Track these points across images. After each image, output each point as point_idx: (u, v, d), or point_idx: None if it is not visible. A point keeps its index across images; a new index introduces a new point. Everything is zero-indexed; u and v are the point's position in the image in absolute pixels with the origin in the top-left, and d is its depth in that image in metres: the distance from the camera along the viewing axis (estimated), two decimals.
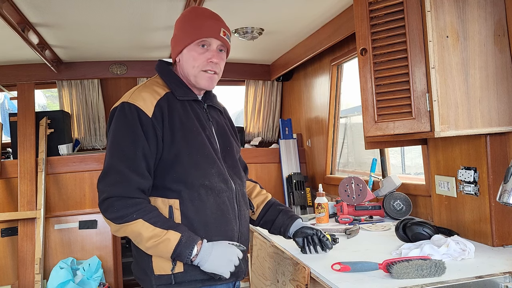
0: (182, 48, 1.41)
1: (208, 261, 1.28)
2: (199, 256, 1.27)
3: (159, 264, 1.31)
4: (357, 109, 3.31)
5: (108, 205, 1.25)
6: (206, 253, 1.28)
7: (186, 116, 1.38)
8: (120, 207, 1.24)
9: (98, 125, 3.90)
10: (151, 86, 1.41)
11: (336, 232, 1.97)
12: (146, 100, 1.34)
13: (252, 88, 4.32)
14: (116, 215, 1.24)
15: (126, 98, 1.36)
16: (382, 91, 1.65)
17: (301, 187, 3.69)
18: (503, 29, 1.57)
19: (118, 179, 1.26)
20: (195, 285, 1.33)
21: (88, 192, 3.29)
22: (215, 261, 1.28)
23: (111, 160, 1.29)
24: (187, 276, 1.31)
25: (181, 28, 1.43)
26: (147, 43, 3.26)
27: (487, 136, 1.60)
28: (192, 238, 1.27)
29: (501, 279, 1.29)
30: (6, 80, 3.52)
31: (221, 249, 1.31)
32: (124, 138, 1.30)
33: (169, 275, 1.30)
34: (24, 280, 3.00)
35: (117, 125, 1.32)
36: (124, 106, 1.33)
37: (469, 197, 1.72)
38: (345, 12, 2.63)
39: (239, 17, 2.71)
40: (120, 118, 1.32)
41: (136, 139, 1.29)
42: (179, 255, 1.26)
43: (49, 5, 2.32)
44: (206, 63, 1.41)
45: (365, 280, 1.32)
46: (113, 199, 1.25)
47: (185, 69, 1.43)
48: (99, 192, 1.29)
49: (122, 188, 1.26)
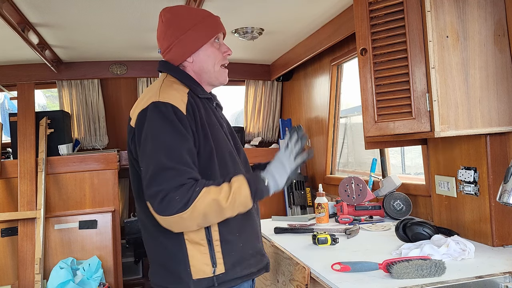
0: (198, 48, 1.40)
1: (277, 181, 1.32)
2: (269, 179, 1.30)
3: (198, 268, 1.28)
4: (357, 109, 3.30)
5: (170, 200, 1.17)
6: (272, 177, 1.31)
7: (208, 114, 1.38)
8: (181, 194, 1.18)
9: (98, 125, 3.89)
10: (172, 85, 1.37)
11: (336, 232, 1.97)
12: (177, 98, 1.30)
13: (252, 88, 4.32)
14: (181, 203, 1.17)
15: (154, 97, 1.29)
16: (382, 91, 1.65)
17: (301, 187, 3.69)
18: (503, 29, 1.57)
19: (171, 174, 1.20)
20: (236, 282, 1.33)
21: (88, 192, 3.29)
22: (282, 175, 1.33)
23: (158, 160, 1.21)
24: (228, 275, 1.30)
25: (191, 29, 1.39)
26: (147, 43, 3.26)
27: (487, 136, 1.60)
28: (253, 174, 1.32)
29: (501, 279, 1.29)
30: (6, 80, 3.52)
31: (277, 163, 1.35)
32: (167, 135, 1.24)
33: (211, 277, 1.28)
34: (24, 280, 3.00)
35: (155, 124, 1.25)
36: (158, 105, 1.27)
37: (469, 197, 1.72)
38: (345, 12, 2.63)
39: (239, 17, 2.71)
40: (156, 117, 1.26)
41: (179, 136, 1.25)
42: (258, 191, 1.27)
43: (49, 5, 2.32)
44: (223, 58, 1.44)
45: (365, 280, 1.32)
46: (172, 193, 1.18)
47: (204, 68, 1.42)
48: (154, 195, 1.19)
49: (177, 180, 1.19)
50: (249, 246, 1.38)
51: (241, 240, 1.36)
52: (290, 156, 1.35)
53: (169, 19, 1.41)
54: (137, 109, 1.32)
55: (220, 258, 1.30)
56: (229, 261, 1.31)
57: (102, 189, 3.30)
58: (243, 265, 1.34)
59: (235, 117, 5.01)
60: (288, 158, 1.35)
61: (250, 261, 1.37)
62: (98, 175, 3.30)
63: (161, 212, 1.18)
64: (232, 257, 1.32)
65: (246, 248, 1.37)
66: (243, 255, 1.35)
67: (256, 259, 1.40)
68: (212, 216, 1.23)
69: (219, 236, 1.31)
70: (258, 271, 1.40)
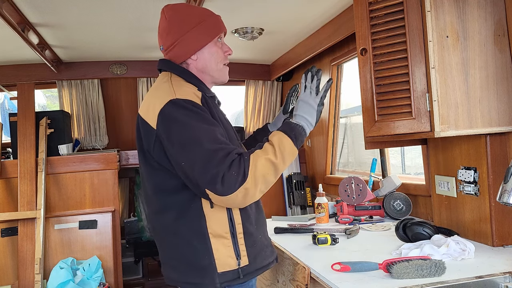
0: (202, 46, 1.41)
1: (307, 118, 1.40)
2: (300, 122, 1.38)
3: (223, 261, 1.30)
4: (357, 109, 3.30)
5: (228, 178, 1.19)
6: (300, 117, 1.40)
7: (217, 112, 1.40)
8: (236, 168, 1.20)
9: (98, 125, 3.89)
10: (182, 83, 1.38)
11: (336, 232, 1.97)
12: (192, 94, 1.32)
13: (252, 88, 4.32)
14: (240, 175, 1.19)
15: (171, 96, 1.29)
16: (382, 91, 1.65)
17: (301, 187, 3.69)
18: (503, 29, 1.57)
19: (219, 156, 1.21)
20: (258, 273, 1.39)
21: (88, 192, 3.29)
22: (310, 112, 1.41)
23: (202, 147, 1.22)
24: (251, 267, 1.35)
25: (195, 27, 1.39)
26: (147, 43, 3.26)
27: (487, 136, 1.60)
28: (284, 123, 1.38)
29: (501, 279, 1.29)
30: (6, 80, 3.51)
31: (301, 105, 1.42)
32: (198, 125, 1.24)
33: (236, 270, 1.32)
34: (24, 280, 3.00)
35: (183, 119, 1.25)
36: (176, 102, 1.27)
37: (469, 197, 1.72)
38: (345, 12, 2.63)
39: (239, 17, 2.71)
40: (182, 112, 1.26)
41: (208, 123, 1.26)
42: (297, 135, 1.33)
43: (49, 5, 2.32)
44: (225, 57, 1.47)
45: (365, 280, 1.32)
46: (227, 172, 1.19)
47: (208, 66, 1.43)
48: (212, 180, 1.19)
49: (227, 159, 1.21)
50: (265, 237, 1.46)
51: (259, 231, 1.42)
52: (311, 94, 1.43)
53: (172, 16, 1.41)
54: (155, 110, 1.29)
55: (244, 250, 1.33)
56: (251, 253, 1.36)
57: (102, 189, 3.30)
58: (262, 256, 1.40)
59: (235, 117, 5.01)
60: (310, 96, 1.43)
61: (267, 252, 1.44)
62: (98, 175, 3.30)
63: (225, 192, 1.20)
64: (254, 249, 1.37)
65: (263, 239, 1.44)
66: (262, 246, 1.41)
67: (269, 250, 1.47)
68: (270, 175, 1.26)
69: (242, 228, 1.34)
70: (272, 262, 1.46)
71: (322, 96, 1.44)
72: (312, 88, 1.43)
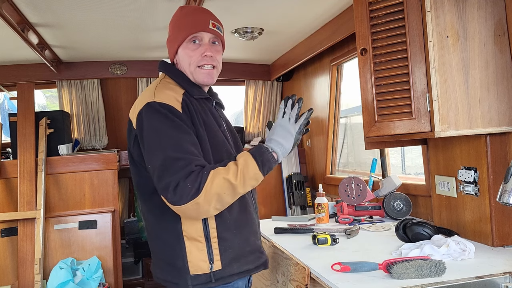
0: (176, 48, 1.42)
1: (283, 144, 1.33)
2: (273, 147, 1.32)
3: (196, 264, 1.31)
4: (357, 109, 3.30)
5: (182, 188, 1.19)
6: (275, 142, 1.33)
7: (206, 114, 1.39)
8: (191, 181, 1.19)
9: (98, 125, 3.89)
10: (168, 86, 1.38)
11: (336, 232, 1.96)
12: (171, 98, 1.31)
13: (252, 88, 4.31)
14: (193, 189, 1.19)
15: (149, 98, 1.31)
16: (382, 91, 1.65)
17: (301, 187, 3.69)
18: (503, 29, 1.57)
19: (179, 164, 1.21)
20: (233, 278, 1.35)
21: (88, 192, 3.29)
22: (286, 138, 1.35)
23: (164, 153, 1.23)
24: (225, 272, 1.33)
25: (172, 29, 1.44)
26: (147, 43, 3.26)
27: (487, 136, 1.60)
28: (256, 147, 1.32)
29: (501, 279, 1.29)
30: (6, 80, 3.51)
31: (278, 130, 1.36)
32: (168, 131, 1.25)
33: (208, 273, 1.31)
34: (24, 280, 3.00)
35: (155, 123, 1.27)
36: (152, 105, 1.28)
37: (469, 197, 1.71)
38: (345, 12, 2.63)
39: (239, 17, 2.71)
40: (154, 116, 1.27)
41: (179, 130, 1.26)
42: (264, 161, 1.28)
43: (49, 5, 2.32)
44: (201, 58, 1.40)
45: (365, 280, 1.32)
46: (182, 182, 1.19)
47: (184, 68, 1.43)
48: (165, 187, 1.20)
49: (185, 169, 1.20)
50: (247, 243, 1.40)
51: (238, 237, 1.37)
52: (290, 120, 1.37)
53: (174, 15, 1.46)
54: (135, 111, 1.34)
55: (217, 255, 1.32)
56: (226, 258, 1.33)
57: (102, 189, 3.30)
58: (240, 262, 1.36)
59: (235, 117, 5.01)
60: (289, 122, 1.37)
61: (248, 258, 1.39)
62: (98, 175, 3.30)
63: (176, 202, 1.20)
64: (229, 254, 1.34)
65: (243, 245, 1.38)
66: (240, 252, 1.37)
67: (254, 256, 1.42)
68: (226, 195, 1.23)
69: (217, 233, 1.33)
70: (256, 268, 1.42)
71: (302, 124, 1.38)
72: (292, 115, 1.37)
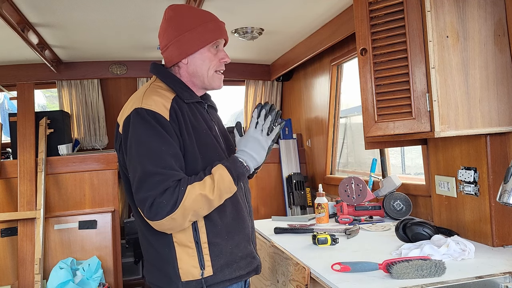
0: (194, 51, 1.38)
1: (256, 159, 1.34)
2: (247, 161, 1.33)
3: (187, 270, 1.30)
4: (357, 109, 3.30)
5: (157, 205, 1.19)
6: (248, 155, 1.33)
7: (196, 119, 1.37)
8: (167, 197, 1.19)
9: (98, 125, 3.89)
10: (157, 90, 1.36)
11: (336, 232, 1.96)
12: (159, 104, 1.30)
13: (252, 88, 4.32)
14: (169, 205, 1.19)
15: (137, 104, 1.29)
16: (382, 91, 1.65)
17: (301, 187, 3.69)
18: (503, 29, 1.57)
19: (156, 180, 1.21)
20: (225, 284, 1.34)
21: (88, 192, 3.29)
22: (259, 153, 1.35)
23: (143, 166, 1.23)
24: (216, 278, 1.31)
25: (190, 31, 1.37)
26: (147, 43, 3.26)
27: (487, 136, 1.60)
28: (231, 159, 1.33)
29: (501, 279, 1.29)
30: (6, 80, 3.52)
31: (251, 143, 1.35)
32: (150, 141, 1.25)
33: (199, 280, 1.29)
34: (24, 280, 3.00)
35: (138, 131, 1.26)
36: (139, 112, 1.27)
37: (469, 197, 1.71)
38: (345, 12, 2.63)
39: (239, 17, 2.71)
40: (139, 124, 1.26)
41: (162, 141, 1.25)
42: (239, 175, 1.30)
43: (49, 5, 2.32)
44: (219, 64, 1.43)
45: (365, 280, 1.32)
46: (158, 199, 1.19)
47: (198, 71, 1.41)
48: (142, 202, 1.21)
49: (162, 185, 1.21)
50: (239, 249, 1.39)
51: (230, 243, 1.36)
52: (262, 132, 1.36)
53: (171, 17, 1.41)
54: (123, 115, 1.33)
55: (208, 260, 1.31)
56: (217, 263, 1.32)
57: (102, 189, 3.30)
58: (232, 267, 1.35)
59: (235, 117, 5.01)
60: (261, 134, 1.36)
61: (240, 264, 1.38)
62: (98, 175, 3.30)
63: (151, 218, 1.21)
64: (220, 260, 1.33)
65: (235, 251, 1.37)
66: (232, 257, 1.36)
67: (246, 261, 1.41)
68: (201, 209, 1.25)
69: (207, 239, 1.32)
70: (248, 274, 1.41)
71: (274, 138, 1.38)
72: (264, 128, 1.36)
